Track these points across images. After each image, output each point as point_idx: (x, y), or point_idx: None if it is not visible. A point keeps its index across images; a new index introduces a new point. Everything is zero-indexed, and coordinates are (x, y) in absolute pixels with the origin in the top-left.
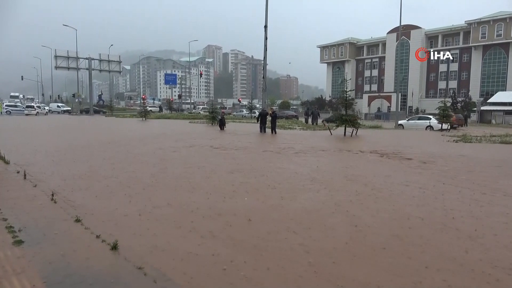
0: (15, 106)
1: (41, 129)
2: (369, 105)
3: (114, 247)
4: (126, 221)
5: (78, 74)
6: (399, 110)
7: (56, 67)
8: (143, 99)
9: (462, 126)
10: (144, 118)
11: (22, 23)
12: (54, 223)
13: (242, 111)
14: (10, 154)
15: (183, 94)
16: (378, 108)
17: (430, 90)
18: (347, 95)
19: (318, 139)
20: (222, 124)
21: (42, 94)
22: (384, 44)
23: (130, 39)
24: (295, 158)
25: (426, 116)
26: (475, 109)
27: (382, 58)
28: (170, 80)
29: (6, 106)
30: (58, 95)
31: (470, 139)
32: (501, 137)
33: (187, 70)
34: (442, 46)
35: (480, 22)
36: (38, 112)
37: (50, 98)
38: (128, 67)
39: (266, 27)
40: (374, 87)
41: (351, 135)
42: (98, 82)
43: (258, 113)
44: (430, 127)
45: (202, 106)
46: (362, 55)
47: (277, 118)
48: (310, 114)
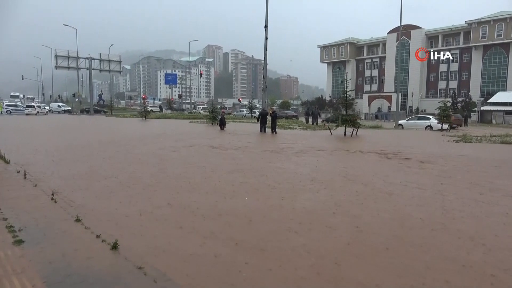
0: (16, 106)
1: (41, 129)
2: (369, 105)
3: (114, 247)
4: (126, 221)
5: (79, 74)
6: (399, 110)
7: (56, 67)
8: (144, 99)
9: (460, 126)
10: (144, 118)
11: (22, 23)
12: (54, 223)
13: (242, 111)
14: (11, 154)
15: (183, 94)
16: (378, 108)
17: (430, 90)
18: (347, 95)
19: (318, 139)
20: (222, 124)
21: (43, 94)
22: (384, 44)
23: (130, 39)
24: (295, 158)
25: (425, 116)
26: (475, 109)
27: (382, 58)
28: (171, 80)
29: (7, 105)
30: (59, 95)
31: (470, 139)
32: (501, 137)
33: (187, 70)
34: (442, 46)
35: (480, 22)
36: (38, 112)
37: (51, 97)
38: (128, 67)
39: (266, 27)
40: (375, 87)
41: (351, 135)
42: (98, 82)
43: (258, 113)
44: (429, 127)
45: (202, 106)
46: (363, 55)
47: (277, 118)
48: (310, 114)
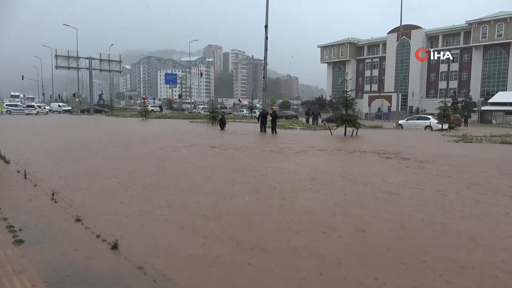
0: (16, 106)
1: (41, 128)
2: (369, 105)
3: (115, 247)
4: (126, 221)
5: (79, 74)
6: (400, 110)
7: (56, 67)
8: (144, 99)
9: (459, 126)
10: (144, 118)
11: (22, 23)
12: (54, 223)
13: (243, 111)
14: (11, 154)
15: (184, 93)
16: (379, 108)
17: (430, 90)
18: (348, 95)
19: (318, 139)
20: (222, 123)
21: (43, 94)
22: (384, 44)
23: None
24: (295, 158)
25: (425, 116)
26: (476, 109)
27: (382, 58)
28: (171, 79)
29: (7, 105)
30: (59, 95)
31: (470, 139)
32: (501, 137)
33: (188, 70)
34: (442, 46)
35: (480, 22)
36: (38, 111)
37: (51, 97)
38: (128, 67)
39: (266, 27)
40: (375, 87)
41: (352, 135)
42: (98, 82)
43: (258, 113)
44: (429, 127)
45: (202, 106)
46: (363, 55)
47: (277, 118)
48: (311, 114)
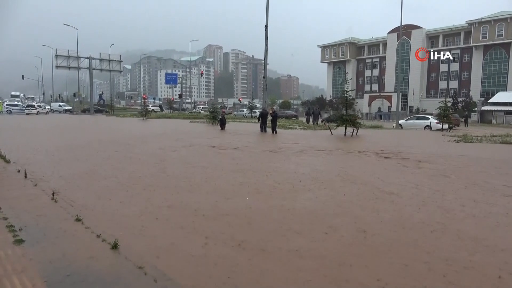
0: (16, 106)
1: (41, 128)
2: (369, 105)
3: (115, 247)
4: (126, 220)
5: (79, 74)
6: (400, 110)
7: (56, 67)
8: (144, 99)
9: (458, 126)
10: (144, 118)
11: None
12: (54, 223)
13: (243, 111)
14: (11, 153)
15: (184, 93)
16: (379, 108)
17: (431, 90)
18: (348, 95)
19: (319, 139)
20: (222, 123)
21: (43, 94)
22: (384, 44)
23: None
24: (295, 158)
25: (424, 116)
26: (476, 109)
27: (382, 58)
28: (171, 79)
29: (7, 105)
30: (59, 95)
31: (470, 139)
32: (501, 137)
33: (188, 70)
34: (443, 46)
35: (481, 22)
36: (38, 111)
37: (51, 97)
38: (128, 67)
39: (266, 27)
40: (375, 87)
41: (352, 135)
42: (98, 82)
43: (258, 112)
44: (428, 127)
45: (202, 106)
46: (363, 55)
47: (277, 117)
48: (311, 114)
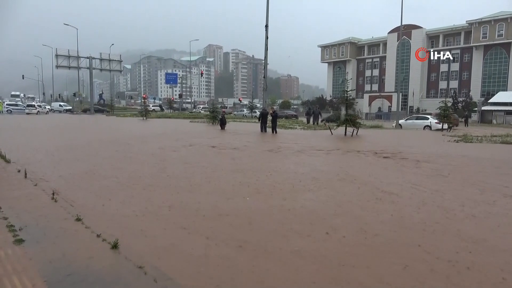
0: (16, 105)
1: (41, 128)
2: (370, 105)
3: (115, 247)
4: (126, 220)
5: (79, 73)
6: (400, 110)
7: (57, 66)
8: (144, 99)
9: (457, 126)
10: (144, 117)
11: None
12: (54, 222)
13: (243, 111)
14: (11, 153)
15: (184, 93)
16: (379, 108)
17: (431, 90)
18: (348, 95)
19: (319, 139)
20: (222, 123)
21: (43, 93)
22: (385, 44)
23: (131, 39)
24: (295, 157)
25: (424, 116)
26: (476, 109)
27: (383, 58)
28: (171, 79)
29: (7, 105)
30: (59, 94)
31: (470, 139)
32: (502, 137)
33: (188, 70)
34: (443, 46)
35: (481, 22)
36: (39, 111)
37: (51, 97)
38: (129, 66)
39: (267, 27)
40: (375, 87)
41: (352, 135)
42: (99, 81)
43: (259, 112)
44: (428, 127)
45: (202, 106)
46: (363, 55)
47: (277, 117)
48: (311, 114)
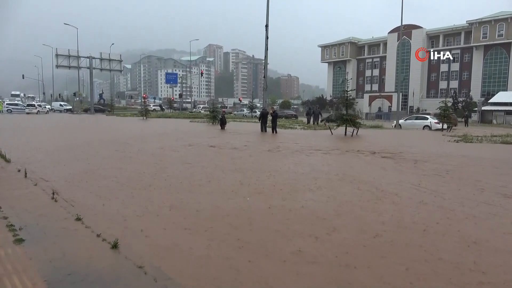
0: (16, 105)
1: (42, 128)
2: (370, 104)
3: (115, 246)
4: (126, 220)
5: (79, 73)
6: (400, 110)
7: (57, 66)
8: (144, 98)
9: (456, 126)
10: (145, 117)
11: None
12: (54, 222)
13: (243, 110)
14: (11, 153)
15: (184, 93)
16: (379, 108)
17: (431, 90)
18: (348, 95)
19: (319, 139)
20: (222, 123)
21: (43, 93)
22: (385, 43)
23: (131, 39)
24: (296, 157)
25: (423, 116)
26: (476, 109)
27: (383, 58)
28: (171, 79)
29: (7, 104)
30: (59, 94)
31: (471, 139)
32: (502, 137)
33: (188, 69)
34: (443, 46)
35: (481, 22)
36: (39, 111)
37: (51, 96)
38: (129, 66)
39: (267, 27)
40: (375, 87)
41: (352, 135)
42: (99, 81)
43: (259, 112)
44: (427, 127)
45: (202, 105)
46: (363, 55)
47: (277, 117)
48: (311, 114)
